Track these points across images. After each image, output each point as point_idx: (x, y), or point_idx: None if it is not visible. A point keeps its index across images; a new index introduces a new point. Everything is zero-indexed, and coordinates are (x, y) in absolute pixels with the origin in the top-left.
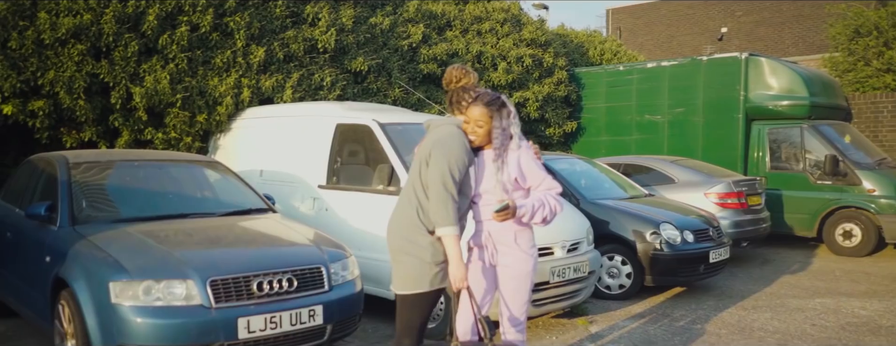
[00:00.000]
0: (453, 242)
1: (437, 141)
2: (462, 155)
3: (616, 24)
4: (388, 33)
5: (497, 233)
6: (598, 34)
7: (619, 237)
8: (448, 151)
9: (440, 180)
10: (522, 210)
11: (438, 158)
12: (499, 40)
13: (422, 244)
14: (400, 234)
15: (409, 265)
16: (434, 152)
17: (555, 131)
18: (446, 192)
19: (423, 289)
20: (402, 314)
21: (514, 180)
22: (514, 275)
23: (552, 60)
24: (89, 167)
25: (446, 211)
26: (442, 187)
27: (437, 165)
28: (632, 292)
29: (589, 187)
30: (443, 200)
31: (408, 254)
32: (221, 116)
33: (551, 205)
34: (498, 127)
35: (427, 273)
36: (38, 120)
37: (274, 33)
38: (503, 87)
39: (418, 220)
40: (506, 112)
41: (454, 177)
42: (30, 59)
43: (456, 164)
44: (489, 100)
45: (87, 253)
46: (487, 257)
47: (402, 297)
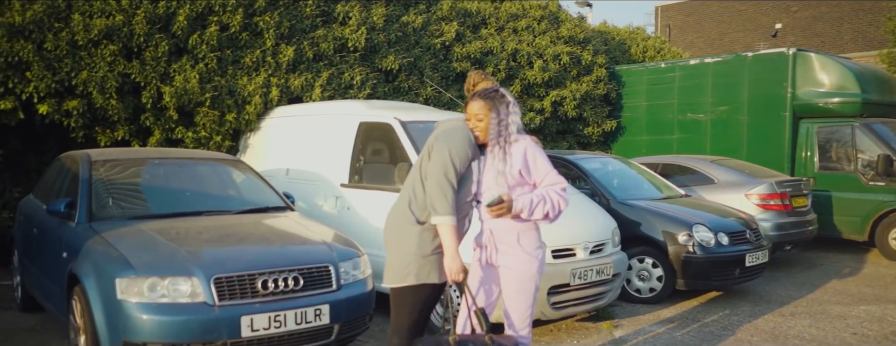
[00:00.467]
0: (449, 232)
1: (440, 133)
2: (465, 146)
3: (665, 22)
4: (420, 32)
5: (499, 232)
6: (641, 31)
7: (650, 239)
8: (450, 141)
9: (441, 168)
10: (520, 205)
11: (440, 148)
12: (535, 38)
13: (408, 235)
14: (390, 226)
15: (393, 258)
16: (436, 143)
17: (593, 131)
18: (446, 180)
19: (408, 283)
20: (392, 311)
21: (518, 173)
22: (517, 277)
23: (590, 58)
24: (111, 165)
25: (444, 199)
26: (442, 174)
27: (438, 154)
28: (663, 295)
29: (621, 187)
30: (441, 188)
31: (394, 246)
32: (250, 115)
33: (554, 201)
34: (495, 118)
35: (411, 265)
36: (72, 119)
37: (304, 32)
38: (539, 85)
39: (408, 211)
40: (505, 103)
41: (455, 166)
42: (64, 59)
43: (458, 154)
44: (486, 92)
45: (98, 249)
46: (488, 257)
47: (391, 292)
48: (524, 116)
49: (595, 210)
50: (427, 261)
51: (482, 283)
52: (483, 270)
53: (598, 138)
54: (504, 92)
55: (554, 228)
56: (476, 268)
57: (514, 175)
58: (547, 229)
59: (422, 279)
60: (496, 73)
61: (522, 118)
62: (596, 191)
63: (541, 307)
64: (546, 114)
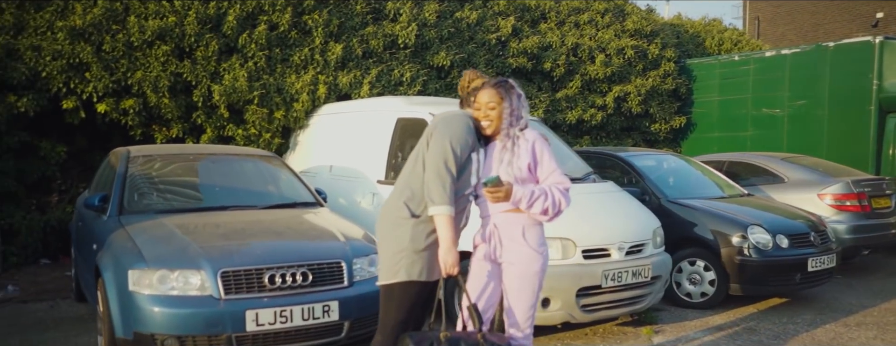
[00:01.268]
0: (446, 222)
1: (439, 121)
2: (465, 134)
3: (754, 14)
4: (475, 27)
5: (504, 226)
6: (718, 23)
7: (702, 240)
8: (450, 128)
9: (441, 156)
10: (519, 193)
11: (439, 136)
12: (598, 32)
13: (402, 230)
14: (383, 221)
15: (384, 253)
16: (435, 132)
17: (661, 127)
18: (445, 169)
19: (398, 279)
20: (380, 308)
21: (526, 167)
22: (520, 274)
23: (658, 52)
24: (147, 161)
25: (442, 189)
26: (442, 163)
27: (437, 143)
28: (715, 301)
29: (676, 186)
30: (440, 177)
31: (386, 241)
32: (298, 112)
33: (555, 197)
34: (507, 108)
35: (402, 261)
36: (129, 118)
37: (354, 30)
38: (601, 80)
39: (403, 205)
40: (516, 93)
41: (455, 153)
42: (120, 60)
43: (458, 141)
44: (497, 82)
45: (118, 242)
46: (492, 252)
47: (380, 288)
48: (585, 112)
49: (635, 209)
50: (419, 257)
51: (483, 281)
52: (484, 267)
53: (666, 136)
54: (512, 82)
55: (586, 227)
56: (477, 266)
57: (521, 168)
58: (578, 229)
59: (412, 276)
60: (555, 68)
61: (584, 114)
62: (646, 189)
63: (569, 309)
64: (609, 110)
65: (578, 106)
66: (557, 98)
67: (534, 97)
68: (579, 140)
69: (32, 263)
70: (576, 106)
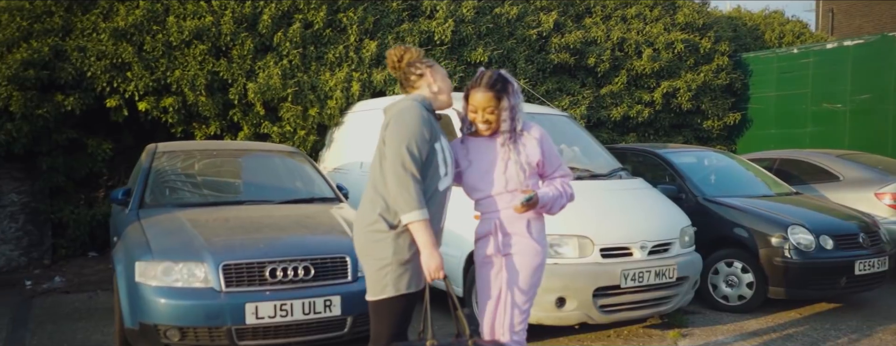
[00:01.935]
0: (422, 228)
1: (390, 119)
2: (421, 129)
3: (828, 6)
4: (515, 23)
5: (509, 221)
6: (778, 15)
7: (740, 240)
8: (403, 126)
9: (398, 159)
10: (544, 200)
11: (393, 137)
12: (646, 26)
13: (383, 244)
14: (360, 236)
15: (370, 269)
16: (388, 133)
17: (714, 124)
18: (406, 172)
19: (388, 295)
20: (371, 322)
21: (536, 164)
22: (521, 265)
23: (710, 45)
24: (171, 156)
25: (409, 194)
26: (401, 167)
27: (392, 145)
28: (753, 304)
29: (717, 184)
30: (403, 182)
31: (369, 256)
32: (333, 109)
33: (569, 193)
34: (507, 107)
35: (390, 276)
36: (169, 115)
37: (389, 27)
38: (648, 76)
39: (377, 217)
40: (511, 89)
41: (413, 155)
42: (160, 59)
43: (414, 140)
44: (490, 81)
45: (132, 234)
46: (495, 247)
47: (369, 304)
48: (631, 108)
49: (662, 206)
50: (406, 269)
51: (487, 282)
52: (487, 266)
53: (719, 133)
54: (505, 74)
55: (605, 224)
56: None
57: (531, 165)
58: (597, 226)
59: (400, 290)
60: (599, 63)
61: (629, 111)
62: (682, 187)
63: (586, 309)
64: (657, 106)
65: (624, 102)
66: (602, 94)
67: (576, 93)
68: (625, 137)
69: (80, 255)
70: (621, 102)
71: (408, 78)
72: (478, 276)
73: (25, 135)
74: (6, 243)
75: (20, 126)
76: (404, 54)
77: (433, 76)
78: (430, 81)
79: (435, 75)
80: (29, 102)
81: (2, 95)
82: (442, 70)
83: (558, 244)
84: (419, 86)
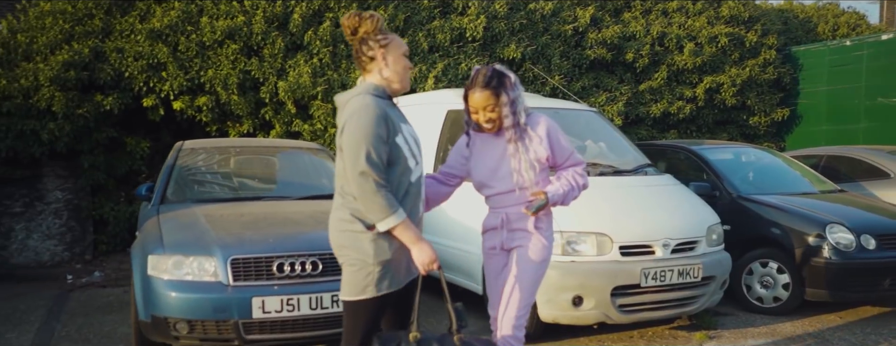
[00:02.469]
0: (403, 229)
1: (344, 122)
2: (375, 129)
3: None
4: (550, 18)
5: (516, 216)
6: (833, 7)
7: (775, 240)
8: (358, 131)
9: (357, 170)
10: (555, 199)
11: (350, 146)
12: (688, 19)
13: (362, 244)
14: (337, 237)
15: (350, 269)
16: (344, 139)
17: (761, 120)
18: (369, 182)
19: (368, 295)
20: (345, 321)
21: (545, 159)
22: (527, 261)
23: (756, 39)
24: (196, 153)
25: (378, 203)
26: (362, 178)
27: (350, 154)
28: (789, 307)
29: (755, 181)
30: (368, 193)
31: (347, 255)
32: None
33: (580, 184)
34: (507, 103)
35: (372, 277)
36: (203, 114)
37: (420, 24)
38: (690, 71)
39: (352, 218)
40: (508, 83)
41: (374, 162)
42: (194, 59)
43: (372, 145)
44: (485, 79)
45: (149, 229)
46: (502, 242)
47: (345, 304)
48: (672, 104)
49: (688, 203)
50: (387, 268)
51: (494, 273)
52: (494, 260)
53: (766, 129)
54: (501, 69)
55: (626, 222)
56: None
57: (540, 159)
58: (617, 224)
59: (381, 291)
60: (638, 59)
61: (670, 107)
62: (716, 184)
63: (604, 308)
64: (699, 102)
65: (664, 98)
66: (640, 90)
67: (614, 89)
68: (665, 134)
69: (120, 251)
70: (661, 98)
71: (359, 57)
72: (486, 267)
73: (67, 134)
74: (50, 238)
75: (62, 126)
76: (359, 25)
77: (385, 59)
78: (381, 65)
79: (387, 57)
80: (70, 102)
81: (45, 95)
82: (398, 49)
83: (576, 242)
84: (371, 69)
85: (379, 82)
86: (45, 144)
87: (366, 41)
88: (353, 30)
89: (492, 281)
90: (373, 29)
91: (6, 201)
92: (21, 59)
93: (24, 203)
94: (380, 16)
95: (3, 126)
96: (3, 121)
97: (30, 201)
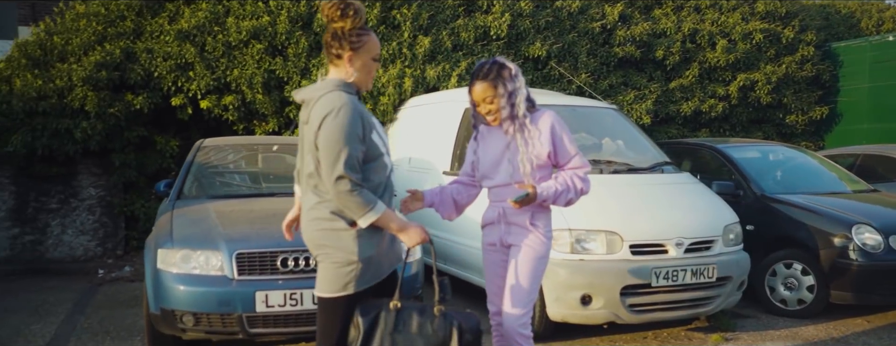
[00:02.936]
0: (386, 219)
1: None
2: (355, 132)
3: None
4: (577, 16)
5: (512, 210)
6: (878, 2)
7: (799, 240)
8: (337, 131)
9: (334, 173)
10: (544, 195)
11: (327, 146)
12: (722, 16)
13: (346, 242)
14: (317, 232)
15: (331, 265)
16: (321, 138)
17: (798, 119)
18: (346, 184)
19: (348, 292)
20: (322, 317)
21: (546, 156)
22: (526, 257)
23: (793, 35)
24: (214, 150)
25: (354, 201)
26: (338, 182)
27: (328, 155)
28: (814, 309)
29: (783, 180)
30: (344, 193)
31: (328, 252)
32: (386, 106)
33: (578, 187)
34: (503, 95)
35: (354, 273)
36: (230, 113)
37: (444, 23)
38: (723, 68)
39: (333, 216)
40: (506, 73)
41: (353, 165)
42: (220, 59)
43: (351, 146)
44: (483, 71)
45: (162, 224)
46: (499, 236)
47: (324, 300)
48: (703, 102)
49: (705, 202)
50: (369, 266)
51: (493, 268)
52: (494, 258)
53: (804, 128)
54: (502, 60)
55: (637, 220)
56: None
57: (540, 156)
58: (628, 222)
59: (360, 287)
60: (668, 56)
61: (701, 105)
62: (740, 182)
63: (613, 308)
64: (732, 101)
65: (695, 96)
66: (671, 88)
67: (643, 87)
68: (696, 133)
69: None
70: (692, 96)
71: (328, 51)
72: (484, 262)
73: (99, 133)
74: (84, 234)
75: (95, 124)
76: (338, 20)
77: (352, 62)
78: (346, 66)
79: (355, 62)
80: (102, 101)
81: (78, 95)
82: (368, 54)
83: (585, 240)
84: (337, 65)
85: (345, 78)
86: (78, 143)
87: (339, 39)
88: (331, 19)
89: (490, 277)
90: (352, 27)
91: (43, 198)
92: (56, 60)
93: (60, 200)
94: (363, 13)
95: (40, 125)
96: (39, 120)
97: (65, 197)
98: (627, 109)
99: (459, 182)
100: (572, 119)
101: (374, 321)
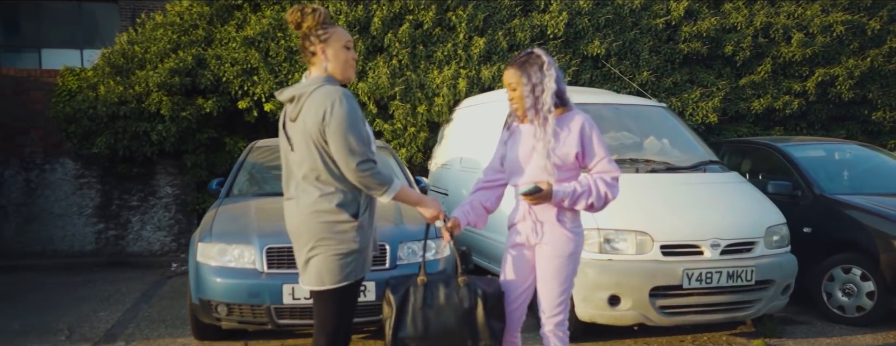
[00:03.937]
0: (404, 192)
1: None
2: (356, 122)
3: None
4: (639, 12)
5: (540, 208)
6: None
7: (859, 243)
8: (345, 120)
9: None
10: (560, 195)
11: (339, 135)
12: (798, 8)
13: (347, 235)
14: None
15: (332, 257)
16: (330, 132)
17: (885, 116)
18: (368, 165)
19: (350, 281)
20: (323, 310)
21: (574, 156)
22: (554, 255)
23: (880, 26)
24: (265, 150)
25: (377, 179)
26: (362, 165)
27: (342, 144)
28: (874, 317)
29: (849, 180)
30: (369, 174)
31: (329, 245)
32: (441, 106)
33: (601, 192)
34: (527, 85)
35: (355, 263)
36: None
37: (500, 23)
38: (799, 63)
39: (336, 208)
40: (537, 65)
41: (365, 151)
42: (282, 64)
43: (360, 133)
44: (517, 58)
45: (207, 219)
46: (527, 235)
47: (320, 293)
48: (777, 99)
49: (745, 202)
50: (366, 255)
51: (516, 269)
52: (518, 253)
53: (892, 125)
54: (539, 52)
55: (670, 220)
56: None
57: (568, 155)
58: (660, 222)
59: (358, 275)
60: (738, 51)
61: (774, 102)
62: (796, 183)
63: (642, 309)
64: (810, 97)
65: (768, 93)
66: (741, 85)
67: (710, 85)
68: (769, 132)
69: None
70: (764, 93)
71: (304, 52)
72: (506, 263)
73: (173, 135)
74: (161, 229)
75: (169, 127)
76: (302, 20)
77: (325, 54)
78: (322, 59)
79: (327, 52)
80: (176, 105)
81: (154, 99)
82: (338, 42)
83: (614, 240)
84: (315, 63)
85: (327, 73)
86: (155, 145)
87: (308, 37)
88: (296, 24)
89: (511, 278)
90: (314, 24)
91: (125, 196)
92: (136, 67)
93: (140, 198)
94: (323, 10)
95: (121, 128)
96: (120, 123)
97: (144, 195)
98: (693, 108)
99: (483, 188)
100: (616, 118)
101: (404, 297)
